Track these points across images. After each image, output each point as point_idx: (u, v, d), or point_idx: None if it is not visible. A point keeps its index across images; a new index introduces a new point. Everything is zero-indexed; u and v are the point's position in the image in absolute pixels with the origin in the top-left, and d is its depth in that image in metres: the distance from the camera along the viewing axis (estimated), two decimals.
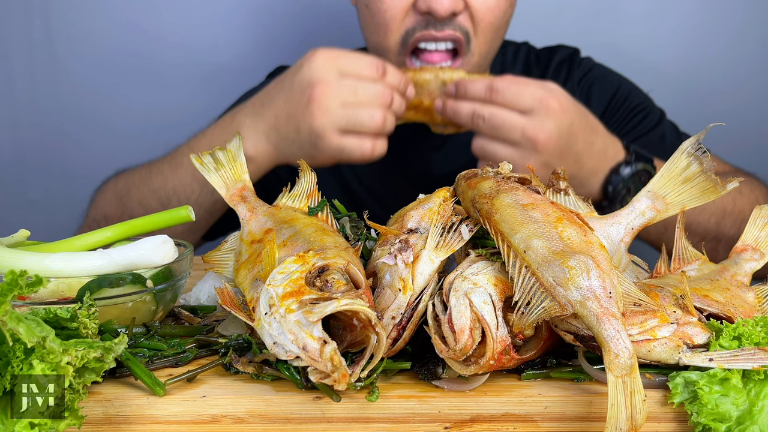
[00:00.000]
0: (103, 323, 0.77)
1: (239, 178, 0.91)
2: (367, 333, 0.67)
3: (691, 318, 0.71)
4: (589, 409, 0.67)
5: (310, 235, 0.78)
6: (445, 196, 0.82)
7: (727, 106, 1.94)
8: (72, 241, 0.86)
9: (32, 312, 0.68)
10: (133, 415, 0.67)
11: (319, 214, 0.86)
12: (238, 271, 0.80)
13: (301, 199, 0.88)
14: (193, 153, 1.19)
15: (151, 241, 0.84)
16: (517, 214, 0.73)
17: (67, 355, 0.61)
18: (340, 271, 0.70)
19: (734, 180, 0.86)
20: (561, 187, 0.84)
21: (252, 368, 0.70)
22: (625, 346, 0.62)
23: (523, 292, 0.68)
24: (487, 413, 0.67)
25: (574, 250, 0.69)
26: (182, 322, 0.86)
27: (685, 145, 0.84)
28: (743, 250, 0.86)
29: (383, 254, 0.75)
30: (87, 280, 0.79)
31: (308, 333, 0.63)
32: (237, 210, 0.89)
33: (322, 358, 0.62)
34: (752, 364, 0.66)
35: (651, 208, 0.83)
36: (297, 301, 0.66)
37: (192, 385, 0.70)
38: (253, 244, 0.83)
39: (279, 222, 0.83)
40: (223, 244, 0.88)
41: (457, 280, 0.70)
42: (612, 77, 1.58)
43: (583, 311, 0.65)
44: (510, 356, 0.68)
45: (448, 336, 0.67)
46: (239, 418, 0.67)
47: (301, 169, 0.90)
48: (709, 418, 0.64)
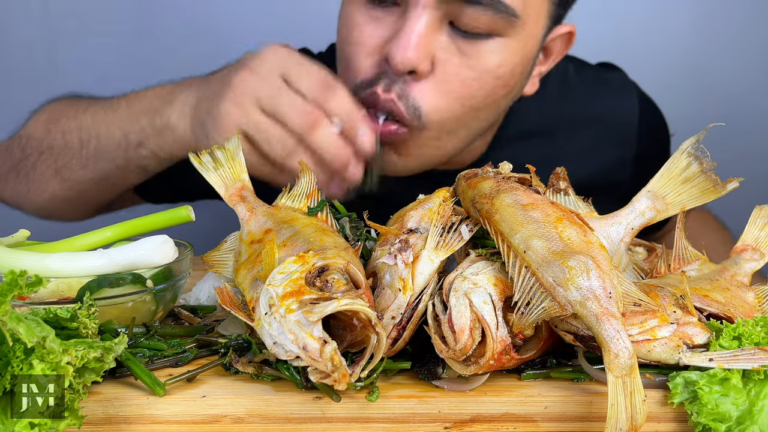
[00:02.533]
0: (103, 323, 0.77)
1: (238, 177, 0.91)
2: (367, 333, 0.67)
3: (691, 318, 0.71)
4: (589, 409, 0.67)
5: (310, 235, 0.78)
6: (445, 196, 0.82)
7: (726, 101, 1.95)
8: (71, 242, 0.86)
9: (32, 312, 0.68)
10: (133, 415, 0.67)
11: (318, 215, 0.86)
12: (238, 271, 0.80)
13: (300, 199, 0.88)
14: (138, 98, 1.17)
15: (151, 241, 0.84)
16: (517, 214, 0.73)
17: (67, 355, 0.61)
18: (340, 271, 0.70)
19: (734, 180, 0.86)
20: (561, 187, 0.84)
21: (252, 368, 0.71)
22: (625, 346, 0.63)
23: (523, 293, 0.68)
24: (487, 413, 0.67)
25: (574, 251, 0.69)
26: (182, 322, 0.86)
27: (685, 145, 0.84)
28: (743, 250, 0.86)
29: (383, 254, 0.75)
30: (87, 280, 0.79)
31: (308, 333, 0.63)
32: (236, 210, 0.88)
33: (323, 358, 0.62)
34: (752, 364, 0.66)
35: (651, 208, 0.83)
36: (297, 301, 0.66)
37: (192, 385, 0.70)
38: (252, 244, 0.83)
39: (279, 222, 0.83)
40: (222, 244, 0.88)
41: (457, 280, 0.70)
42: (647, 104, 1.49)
43: (583, 311, 0.65)
44: (510, 356, 0.68)
45: (448, 336, 0.67)
46: (239, 418, 0.67)
47: (300, 169, 0.90)
48: (709, 418, 0.64)
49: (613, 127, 1.43)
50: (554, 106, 1.43)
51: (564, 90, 1.44)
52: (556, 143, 1.43)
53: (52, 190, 1.28)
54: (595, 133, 1.43)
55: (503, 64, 1.12)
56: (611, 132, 1.43)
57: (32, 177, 1.29)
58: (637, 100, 1.46)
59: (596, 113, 1.44)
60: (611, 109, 1.44)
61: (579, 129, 1.43)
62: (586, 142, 1.42)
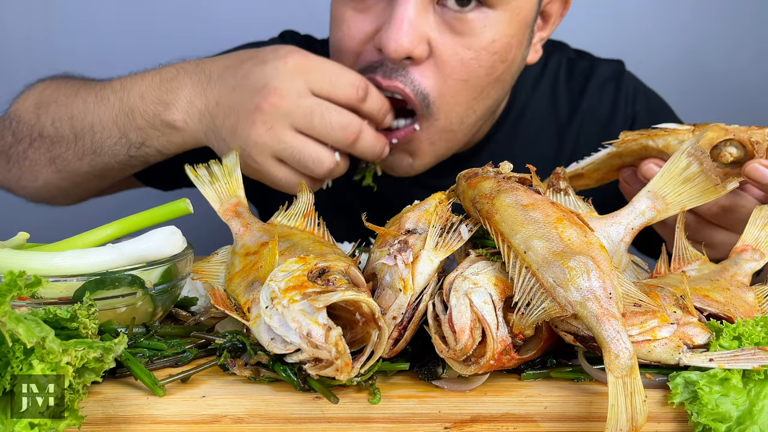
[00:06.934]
0: (103, 323, 0.77)
1: (234, 193, 0.91)
2: (368, 330, 0.67)
3: (691, 318, 0.71)
4: (589, 409, 0.67)
5: (309, 246, 0.78)
6: (441, 198, 0.82)
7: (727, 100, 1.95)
8: (73, 241, 0.85)
9: (32, 312, 0.68)
10: (133, 415, 0.67)
11: (315, 231, 0.86)
12: (231, 280, 0.80)
13: (297, 218, 0.88)
14: (125, 91, 1.13)
15: (159, 232, 0.83)
16: (517, 215, 0.73)
17: (67, 355, 0.61)
18: (341, 273, 0.70)
19: (734, 180, 0.86)
20: (561, 187, 0.84)
21: (248, 371, 0.70)
22: (626, 346, 0.62)
23: (524, 293, 0.68)
24: (487, 413, 0.67)
25: (574, 251, 0.69)
26: (182, 322, 0.86)
27: (685, 145, 0.84)
28: (743, 250, 0.86)
29: (382, 255, 0.75)
30: (96, 276, 0.77)
31: (313, 320, 0.64)
32: (230, 225, 0.88)
33: (328, 343, 0.62)
34: (752, 364, 0.66)
35: (651, 208, 0.83)
36: (300, 293, 0.66)
37: (192, 385, 0.70)
38: (247, 256, 0.82)
39: (275, 237, 0.82)
40: (213, 255, 0.87)
41: (457, 280, 0.70)
42: (655, 101, 1.47)
43: (583, 312, 0.65)
44: (510, 356, 0.68)
45: (449, 336, 0.67)
46: (239, 418, 0.67)
47: (299, 189, 0.90)
48: (709, 418, 0.64)
49: (616, 124, 1.43)
50: (554, 103, 1.43)
51: (567, 86, 1.44)
52: (557, 142, 1.42)
53: (46, 177, 1.25)
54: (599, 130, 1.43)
55: (497, 37, 1.11)
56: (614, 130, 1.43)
57: (24, 164, 1.26)
58: (644, 97, 1.46)
59: (599, 110, 1.43)
60: (614, 107, 1.44)
61: (580, 127, 1.43)
62: (588, 140, 1.41)
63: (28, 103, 1.26)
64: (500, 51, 1.12)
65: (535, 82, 1.42)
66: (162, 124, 1.11)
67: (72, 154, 1.20)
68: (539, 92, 1.42)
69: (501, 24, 1.11)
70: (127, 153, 1.16)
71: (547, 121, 1.42)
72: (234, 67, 1.08)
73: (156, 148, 1.14)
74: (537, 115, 1.41)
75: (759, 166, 0.91)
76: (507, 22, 1.11)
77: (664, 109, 1.47)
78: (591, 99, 1.43)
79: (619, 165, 1.05)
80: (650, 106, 1.45)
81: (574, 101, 1.43)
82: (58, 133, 1.20)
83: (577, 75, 1.44)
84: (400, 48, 1.05)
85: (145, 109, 1.12)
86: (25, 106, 1.26)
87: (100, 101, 1.16)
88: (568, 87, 1.43)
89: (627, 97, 1.43)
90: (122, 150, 1.16)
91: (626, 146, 1.01)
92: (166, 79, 1.12)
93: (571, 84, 1.44)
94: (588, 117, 1.42)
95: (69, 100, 1.20)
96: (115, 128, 1.15)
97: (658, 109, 1.46)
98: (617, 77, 1.45)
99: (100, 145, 1.17)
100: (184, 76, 1.11)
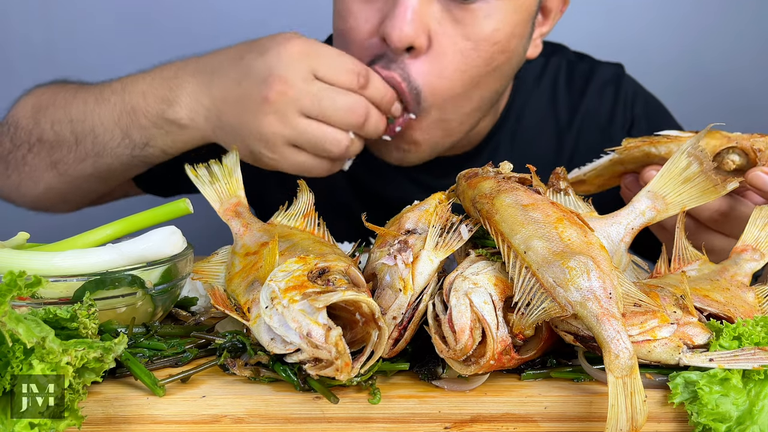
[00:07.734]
0: (103, 323, 0.77)
1: (234, 193, 0.91)
2: (368, 330, 0.67)
3: (691, 318, 0.71)
4: (589, 409, 0.67)
5: (309, 246, 0.78)
6: (441, 199, 0.82)
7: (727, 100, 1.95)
8: (73, 241, 0.85)
9: (32, 312, 0.68)
10: (133, 415, 0.67)
11: (315, 231, 0.86)
12: (231, 280, 0.80)
13: (297, 218, 0.88)
14: (126, 91, 1.12)
15: (159, 232, 0.82)
16: (517, 215, 0.73)
17: (67, 355, 0.61)
18: (341, 273, 0.70)
19: (734, 180, 0.86)
20: (561, 187, 0.84)
21: (249, 372, 0.70)
22: (626, 346, 0.62)
23: (524, 293, 0.68)
24: (487, 413, 0.67)
25: (574, 251, 0.69)
26: (182, 322, 0.86)
27: (685, 146, 0.84)
28: (743, 251, 0.86)
29: (382, 255, 0.75)
30: (96, 276, 0.77)
31: (313, 320, 0.64)
32: (230, 225, 0.88)
33: (328, 343, 0.62)
34: (752, 364, 0.66)
35: (651, 208, 0.83)
36: (300, 293, 0.66)
37: (192, 385, 0.70)
38: (247, 256, 0.82)
39: (275, 236, 0.82)
40: (213, 255, 0.87)
41: (457, 279, 0.70)
42: (653, 104, 1.48)
43: (583, 312, 0.65)
44: (510, 356, 0.68)
45: (449, 336, 0.67)
46: (239, 419, 0.67)
47: (299, 188, 0.90)
48: (709, 418, 0.64)
49: (615, 127, 1.43)
50: (554, 105, 1.43)
51: (567, 88, 1.44)
52: (557, 144, 1.43)
53: (48, 183, 1.24)
54: (598, 132, 1.43)
55: (499, 27, 1.11)
56: (613, 132, 1.43)
57: (24, 170, 1.25)
58: (643, 101, 1.46)
59: (598, 113, 1.43)
60: (613, 110, 1.44)
61: (580, 129, 1.43)
62: (587, 143, 1.42)
63: (25, 109, 1.25)
64: (501, 41, 1.12)
65: (535, 83, 1.42)
66: (166, 122, 1.11)
67: (73, 157, 1.20)
68: (539, 94, 1.43)
69: (503, 13, 1.11)
70: (131, 153, 1.16)
71: (546, 122, 1.42)
72: (235, 59, 1.08)
73: (160, 148, 1.14)
74: (537, 116, 1.42)
75: (761, 174, 0.91)
76: (511, 12, 1.12)
77: (662, 112, 1.48)
78: (590, 101, 1.43)
79: (621, 171, 1.05)
80: (649, 109, 1.46)
81: (574, 103, 1.43)
82: (58, 137, 1.20)
83: (577, 77, 1.45)
84: (404, 36, 1.06)
85: (147, 107, 1.12)
86: (23, 112, 1.25)
87: (101, 102, 1.16)
88: (568, 89, 1.44)
89: (626, 100, 1.44)
90: (125, 151, 1.16)
91: (628, 153, 1.01)
92: (167, 77, 1.12)
93: (571, 86, 1.44)
94: (587, 119, 1.43)
95: (68, 103, 1.20)
96: (118, 129, 1.15)
97: (657, 112, 1.46)
98: (617, 80, 1.45)
99: (102, 147, 1.17)
100: (185, 74, 1.11)
